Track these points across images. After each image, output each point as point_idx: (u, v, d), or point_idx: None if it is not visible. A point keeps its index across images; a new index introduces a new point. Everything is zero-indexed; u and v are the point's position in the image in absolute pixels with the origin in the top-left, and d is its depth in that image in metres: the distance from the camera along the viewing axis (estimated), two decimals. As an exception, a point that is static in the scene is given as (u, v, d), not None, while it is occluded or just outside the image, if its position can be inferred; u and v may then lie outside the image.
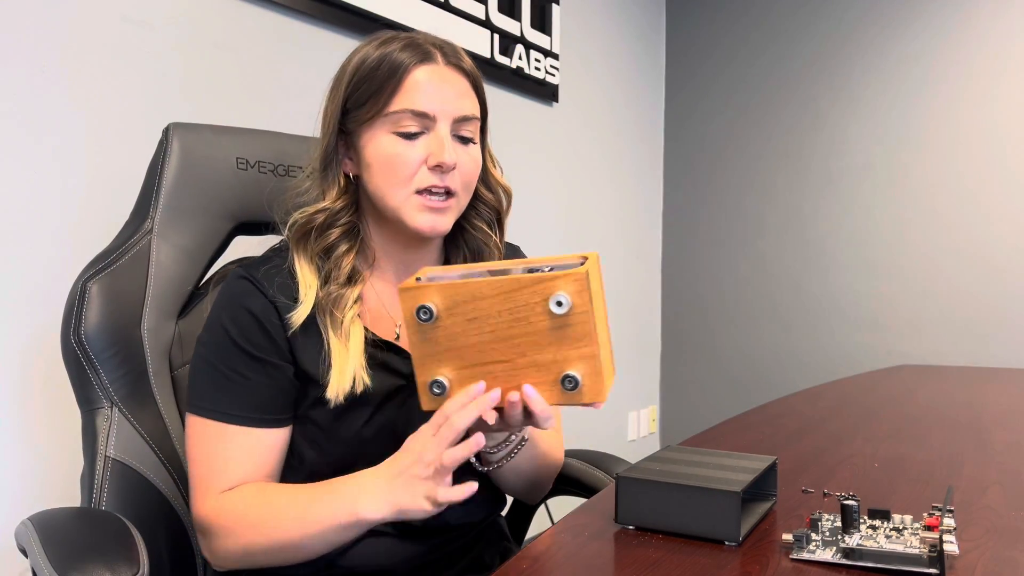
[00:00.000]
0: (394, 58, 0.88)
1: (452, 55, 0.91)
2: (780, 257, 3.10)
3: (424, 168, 0.88)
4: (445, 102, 0.89)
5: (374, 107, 0.88)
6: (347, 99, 0.90)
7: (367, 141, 0.90)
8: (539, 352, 0.73)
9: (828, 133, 3.00)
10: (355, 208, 0.94)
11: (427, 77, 0.89)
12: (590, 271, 0.71)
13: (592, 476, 1.20)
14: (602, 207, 2.98)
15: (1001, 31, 2.69)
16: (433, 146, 0.88)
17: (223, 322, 0.89)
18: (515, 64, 2.42)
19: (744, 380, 3.17)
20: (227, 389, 0.88)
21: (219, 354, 0.89)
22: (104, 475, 0.95)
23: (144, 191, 1.05)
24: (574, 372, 0.72)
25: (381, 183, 0.90)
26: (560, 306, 0.71)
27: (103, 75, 1.43)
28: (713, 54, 3.25)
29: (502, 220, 1.02)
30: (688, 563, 0.67)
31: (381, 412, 0.91)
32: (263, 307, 0.88)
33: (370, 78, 0.89)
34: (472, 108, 0.92)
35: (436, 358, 0.76)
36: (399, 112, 0.88)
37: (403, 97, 0.88)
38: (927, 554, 0.64)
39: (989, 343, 2.70)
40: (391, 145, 0.88)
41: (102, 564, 0.76)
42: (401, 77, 0.88)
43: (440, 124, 0.89)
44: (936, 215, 2.80)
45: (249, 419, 0.87)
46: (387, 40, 0.91)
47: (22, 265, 1.33)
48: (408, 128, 0.88)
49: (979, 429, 1.24)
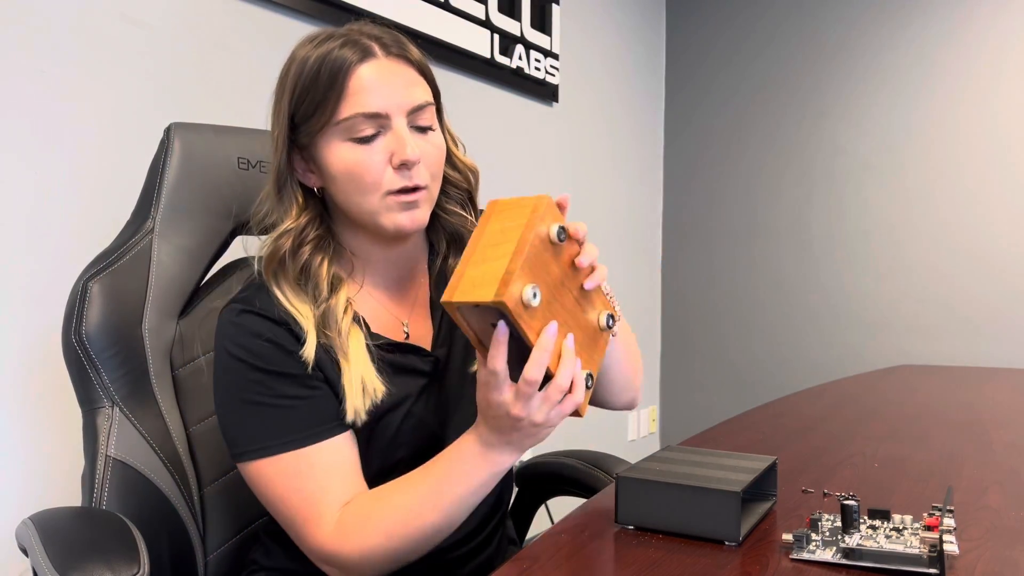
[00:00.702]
0: (333, 61, 0.83)
1: (393, 44, 0.87)
2: (780, 257, 3.11)
3: (389, 169, 0.85)
4: (395, 96, 0.84)
5: (322, 117, 0.84)
6: (293, 114, 0.86)
7: (324, 152, 0.86)
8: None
9: (828, 133, 3.00)
10: (321, 219, 0.91)
11: (371, 75, 0.84)
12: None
13: (592, 476, 1.20)
14: (602, 207, 2.98)
15: (1001, 31, 2.69)
16: (393, 145, 0.84)
17: (242, 358, 0.84)
18: (515, 64, 2.42)
19: (744, 380, 3.17)
20: (280, 416, 0.83)
21: (252, 388, 0.84)
22: (105, 475, 0.95)
23: (145, 191, 1.06)
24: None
25: (349, 192, 0.86)
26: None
27: (103, 75, 1.43)
28: (713, 54, 3.25)
29: (474, 199, 0.98)
30: (688, 563, 0.67)
31: (412, 415, 0.89)
32: (275, 331, 0.85)
33: (312, 88, 0.84)
34: (424, 95, 0.87)
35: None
36: (350, 118, 0.83)
37: (350, 102, 0.83)
38: (927, 554, 0.64)
39: (989, 343, 2.70)
40: (350, 153, 0.84)
41: (102, 563, 0.76)
42: (344, 81, 0.83)
43: (395, 120, 0.85)
44: (936, 215, 2.80)
45: (319, 433, 0.83)
46: (323, 40, 0.86)
47: (23, 265, 1.33)
48: (363, 132, 0.84)
49: (979, 429, 1.24)
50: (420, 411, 0.90)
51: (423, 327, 0.96)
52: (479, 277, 0.69)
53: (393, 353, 0.90)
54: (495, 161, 2.41)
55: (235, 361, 0.85)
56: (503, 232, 0.71)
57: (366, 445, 0.88)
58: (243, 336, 0.85)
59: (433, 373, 0.92)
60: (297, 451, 0.82)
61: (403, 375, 0.90)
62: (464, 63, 2.23)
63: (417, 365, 0.91)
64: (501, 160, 2.44)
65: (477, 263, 0.70)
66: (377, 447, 0.88)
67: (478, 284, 0.68)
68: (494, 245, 0.70)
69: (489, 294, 0.66)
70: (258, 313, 0.85)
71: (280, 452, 0.82)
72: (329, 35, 0.87)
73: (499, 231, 0.72)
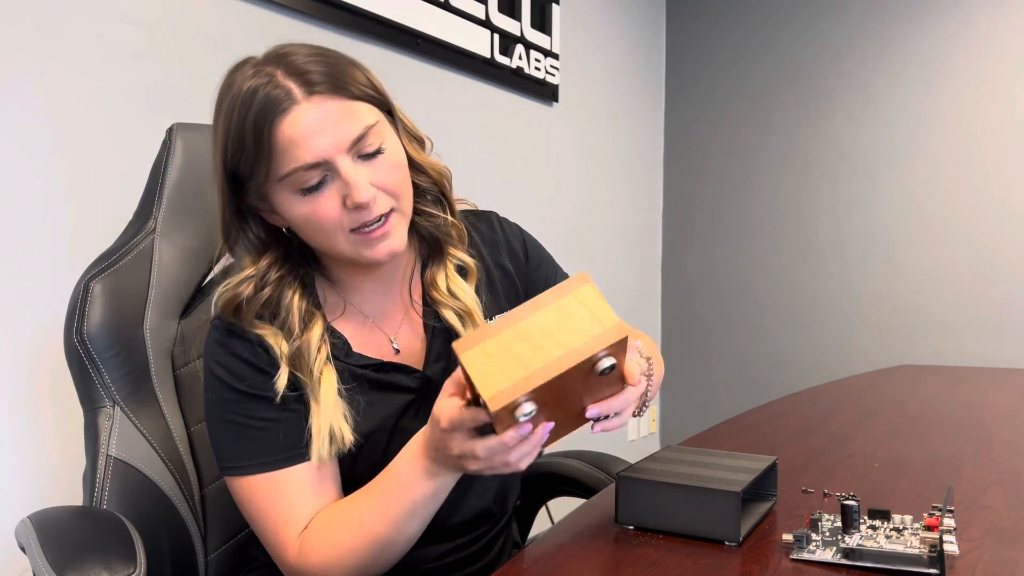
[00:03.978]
0: (255, 120, 0.78)
1: (317, 77, 0.79)
2: (780, 257, 3.11)
3: (346, 210, 0.81)
4: (329, 138, 0.78)
5: (261, 178, 0.80)
6: (231, 176, 0.82)
7: (276, 202, 0.83)
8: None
9: (828, 134, 3.00)
10: (286, 257, 0.88)
11: (297, 125, 0.78)
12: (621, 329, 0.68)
13: (592, 476, 1.20)
14: (602, 207, 2.98)
15: (1004, 33, 2.69)
16: (343, 188, 0.80)
17: (219, 375, 0.85)
18: (515, 64, 2.42)
19: (744, 380, 3.18)
20: (254, 438, 0.83)
21: (230, 407, 0.85)
22: (106, 474, 0.95)
23: (147, 191, 1.06)
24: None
25: (313, 237, 0.84)
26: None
27: (103, 75, 1.43)
28: (713, 54, 3.25)
29: (447, 196, 0.94)
30: (688, 563, 0.67)
31: (399, 431, 0.88)
32: (254, 352, 0.85)
33: (240, 151, 0.80)
34: (361, 121, 0.80)
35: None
36: (290, 174, 0.79)
37: (285, 158, 0.78)
38: (927, 554, 0.64)
39: (989, 343, 2.70)
40: (301, 205, 0.81)
41: (99, 563, 0.76)
42: (270, 140, 0.78)
43: (338, 162, 0.79)
44: (936, 216, 2.80)
45: (288, 458, 0.83)
46: (241, 95, 0.79)
47: (25, 265, 1.33)
48: (309, 183, 0.79)
49: (979, 429, 1.25)
50: (408, 425, 0.88)
51: (414, 339, 0.94)
52: (496, 363, 0.64)
53: (378, 372, 0.89)
54: (495, 161, 2.42)
55: (215, 379, 0.86)
56: (556, 341, 0.65)
57: (352, 462, 0.87)
58: (223, 355, 0.86)
59: (421, 389, 0.90)
60: (267, 474, 0.83)
61: (390, 392, 0.89)
62: (464, 63, 2.23)
63: (404, 382, 0.90)
64: (501, 160, 2.44)
65: (508, 341, 0.65)
66: (368, 463, 0.86)
67: (489, 369, 0.64)
68: (537, 343, 0.65)
69: (487, 393, 0.63)
70: (239, 334, 0.85)
71: (252, 474, 0.83)
72: (242, 85, 0.80)
73: (556, 330, 0.66)
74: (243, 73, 0.81)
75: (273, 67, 0.80)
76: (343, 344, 0.89)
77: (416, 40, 2.04)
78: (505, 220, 1.05)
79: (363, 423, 0.87)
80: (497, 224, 1.03)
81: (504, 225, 1.04)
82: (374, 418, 0.88)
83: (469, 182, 2.29)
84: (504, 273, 1.00)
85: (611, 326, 0.66)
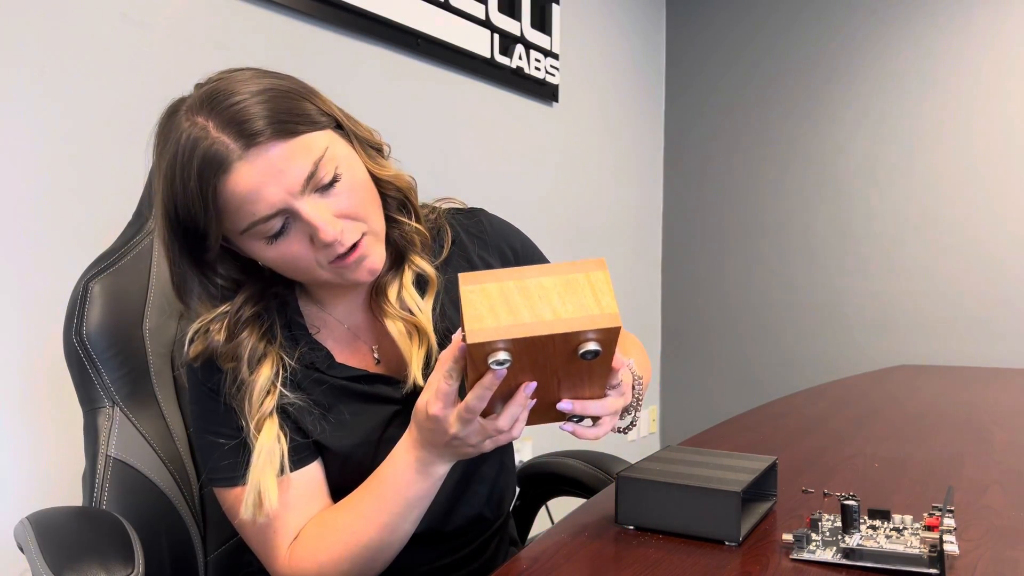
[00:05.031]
0: (198, 184, 0.73)
1: (254, 131, 0.73)
2: (780, 257, 3.11)
3: (315, 247, 0.78)
4: (280, 187, 0.74)
5: (218, 233, 0.77)
6: (181, 232, 0.78)
7: (243, 248, 0.80)
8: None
9: (828, 133, 3.00)
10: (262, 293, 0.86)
11: (241, 184, 0.73)
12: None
13: (592, 476, 1.20)
14: (602, 207, 2.98)
15: (1003, 32, 2.69)
16: (308, 228, 0.76)
17: (201, 388, 0.85)
18: (515, 64, 2.42)
19: (744, 380, 3.18)
20: (235, 450, 0.82)
21: (214, 419, 0.84)
22: (105, 474, 0.95)
23: (147, 191, 1.06)
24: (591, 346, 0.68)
25: (290, 274, 0.82)
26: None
27: (103, 75, 1.43)
28: (713, 54, 3.25)
29: (413, 203, 0.90)
30: (688, 563, 0.67)
31: (386, 442, 0.86)
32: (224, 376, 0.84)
33: (189, 212, 0.75)
34: (308, 158, 0.75)
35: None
36: (248, 228, 0.76)
37: (239, 216, 0.75)
38: (927, 554, 0.64)
39: (989, 343, 2.70)
40: (269, 251, 0.78)
41: (97, 563, 0.76)
42: (218, 202, 0.74)
43: (296, 204, 0.75)
44: (936, 215, 2.80)
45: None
46: (179, 149, 0.74)
47: (25, 265, 1.33)
48: (271, 231, 0.76)
49: (979, 429, 1.25)
50: (397, 436, 0.86)
51: (396, 347, 0.90)
52: (490, 305, 0.65)
53: (362, 384, 0.88)
54: (495, 161, 2.42)
55: (196, 390, 0.86)
56: (552, 307, 0.65)
57: (339, 474, 0.87)
58: (202, 373, 0.85)
59: (403, 400, 0.88)
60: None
61: (374, 403, 0.88)
62: (464, 63, 2.23)
63: (388, 393, 0.88)
64: (501, 160, 2.44)
65: (509, 290, 0.66)
66: (356, 475, 0.85)
67: (481, 309, 0.64)
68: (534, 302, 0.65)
69: (470, 326, 0.63)
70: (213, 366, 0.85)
71: (235, 486, 0.83)
72: (175, 143, 0.75)
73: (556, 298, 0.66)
74: (177, 123, 0.76)
75: (205, 117, 0.74)
76: (326, 356, 0.88)
77: (416, 40, 2.04)
78: (494, 217, 1.02)
79: (349, 434, 0.86)
80: (486, 222, 1.00)
81: (493, 223, 1.01)
82: (360, 429, 0.87)
83: (469, 182, 2.30)
84: None
85: (608, 313, 0.66)
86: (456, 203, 1.01)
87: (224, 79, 0.78)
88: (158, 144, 0.79)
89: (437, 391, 0.72)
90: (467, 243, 0.97)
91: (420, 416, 0.75)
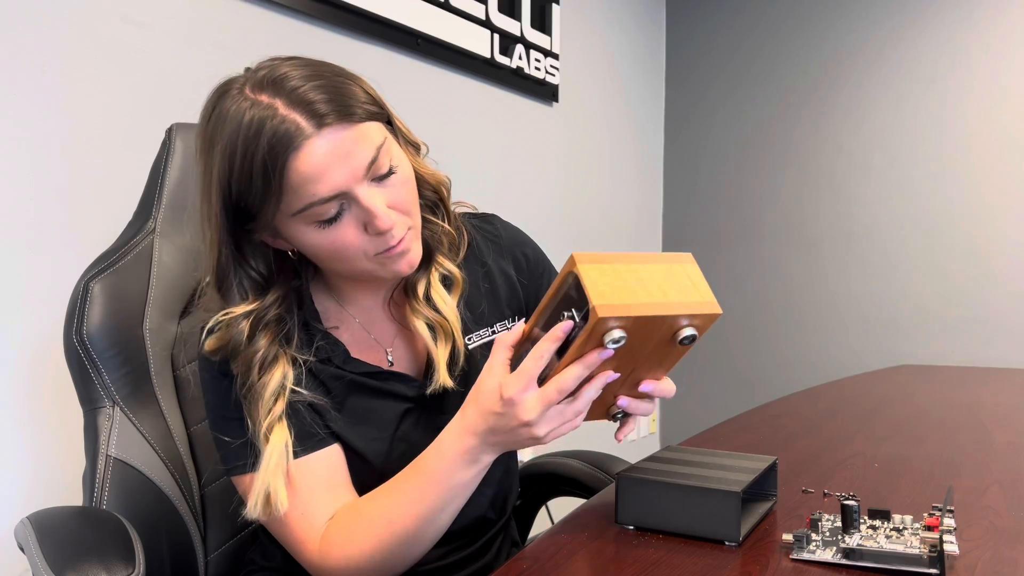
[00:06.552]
0: (263, 161, 0.73)
1: (323, 112, 0.74)
2: (780, 257, 3.11)
3: (367, 236, 0.78)
4: (345, 169, 0.75)
5: (270, 214, 0.76)
6: (232, 210, 0.77)
7: (289, 234, 0.80)
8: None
9: (828, 133, 3.00)
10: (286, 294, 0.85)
11: (311, 161, 0.73)
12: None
13: (592, 476, 1.20)
14: (602, 207, 2.98)
15: (1003, 32, 2.69)
16: (363, 216, 0.77)
17: (216, 378, 0.84)
18: (515, 64, 2.42)
19: (744, 380, 3.18)
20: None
21: (228, 407, 0.83)
22: (105, 474, 0.95)
23: (147, 191, 1.06)
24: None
25: (331, 263, 0.82)
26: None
27: (103, 75, 1.43)
28: (713, 54, 3.25)
29: (445, 203, 0.92)
30: (688, 563, 0.67)
31: (400, 439, 0.87)
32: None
33: (247, 190, 0.75)
34: (370, 145, 0.76)
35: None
36: (304, 209, 0.75)
37: (298, 195, 0.74)
38: (927, 554, 0.64)
39: (989, 343, 2.70)
40: (319, 236, 0.78)
41: (98, 563, 0.76)
42: (282, 179, 0.73)
43: (356, 190, 0.76)
44: (936, 215, 2.80)
45: (297, 452, 0.81)
46: (243, 129, 0.74)
47: (25, 265, 1.33)
48: (326, 215, 0.76)
49: (979, 429, 1.25)
50: (407, 432, 0.87)
51: (409, 349, 0.92)
52: (609, 283, 0.66)
53: (376, 380, 0.88)
54: (495, 161, 2.42)
55: (211, 382, 0.85)
56: (662, 290, 0.68)
57: (353, 469, 0.86)
58: (221, 359, 0.84)
59: (417, 399, 0.89)
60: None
61: (388, 399, 0.88)
62: (464, 63, 2.23)
63: (402, 391, 0.88)
64: (501, 160, 2.44)
65: (623, 272, 0.67)
66: (368, 472, 0.85)
67: (603, 287, 0.65)
68: (646, 285, 0.68)
69: (597, 300, 0.64)
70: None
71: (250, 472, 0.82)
72: (242, 116, 0.74)
73: (663, 282, 0.69)
74: (236, 101, 0.76)
75: (271, 96, 0.75)
76: (342, 350, 0.88)
77: (416, 40, 2.04)
78: (508, 224, 1.04)
79: (363, 429, 0.86)
80: (501, 227, 1.02)
81: (508, 229, 1.02)
82: (373, 425, 0.87)
83: (469, 182, 2.30)
84: (506, 279, 0.98)
85: (709, 300, 0.70)
86: (468, 207, 1.01)
87: (280, 63, 0.79)
88: (213, 124, 0.77)
89: (521, 372, 0.70)
90: (482, 247, 0.98)
91: (488, 401, 0.72)
